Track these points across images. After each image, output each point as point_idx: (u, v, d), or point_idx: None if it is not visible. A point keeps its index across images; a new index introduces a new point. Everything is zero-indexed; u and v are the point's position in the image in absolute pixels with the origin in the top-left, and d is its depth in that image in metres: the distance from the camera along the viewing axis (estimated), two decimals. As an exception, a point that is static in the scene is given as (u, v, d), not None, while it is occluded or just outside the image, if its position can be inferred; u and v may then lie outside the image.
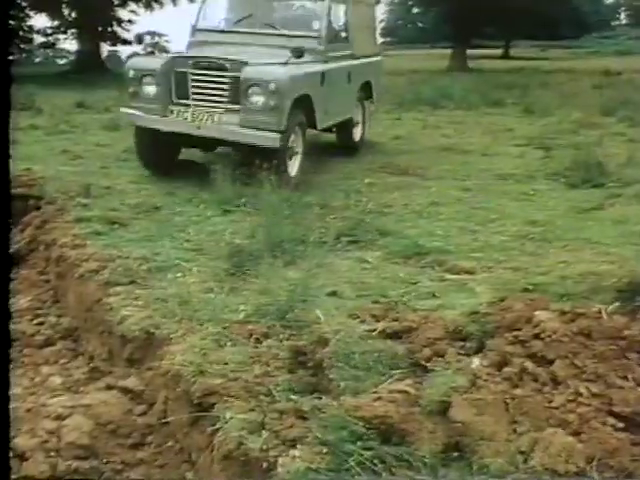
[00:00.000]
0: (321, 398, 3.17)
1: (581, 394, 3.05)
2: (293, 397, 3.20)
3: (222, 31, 8.35)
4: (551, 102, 14.46)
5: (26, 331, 4.57)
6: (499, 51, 44.47)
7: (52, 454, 3.26)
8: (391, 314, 3.90)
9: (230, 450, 3.05)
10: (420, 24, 66.54)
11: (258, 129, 6.66)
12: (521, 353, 3.31)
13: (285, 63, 6.83)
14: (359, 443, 2.86)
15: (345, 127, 9.07)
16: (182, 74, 7.09)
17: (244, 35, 7.96)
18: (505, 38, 45.11)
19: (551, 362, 3.25)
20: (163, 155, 7.66)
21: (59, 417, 3.47)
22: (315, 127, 7.73)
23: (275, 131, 6.65)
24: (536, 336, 3.39)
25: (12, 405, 3.57)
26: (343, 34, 8.71)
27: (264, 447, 2.91)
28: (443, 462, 2.79)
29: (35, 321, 4.75)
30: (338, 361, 3.37)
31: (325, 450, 2.84)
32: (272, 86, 6.57)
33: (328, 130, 8.85)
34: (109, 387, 3.82)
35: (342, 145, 9.37)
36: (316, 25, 8.05)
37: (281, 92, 6.63)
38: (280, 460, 2.85)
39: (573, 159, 7.92)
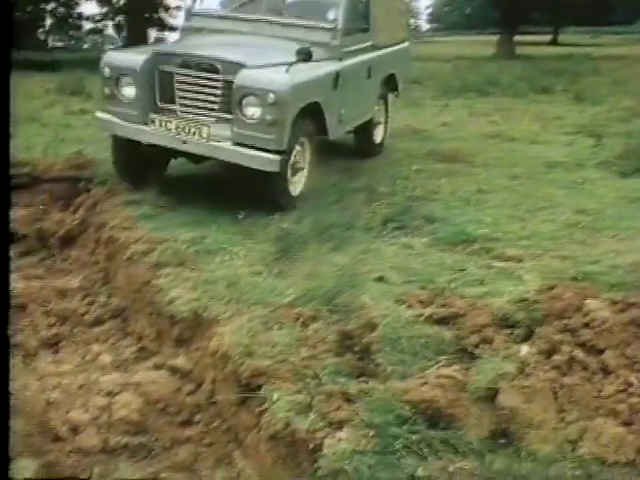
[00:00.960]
0: (368, 382, 3.19)
1: (632, 384, 3.01)
2: (340, 380, 3.22)
3: (221, 17, 6.90)
4: (602, 89, 14.15)
5: (77, 310, 4.68)
6: (547, 37, 43.67)
7: (103, 429, 3.34)
8: (438, 300, 3.89)
9: (277, 431, 3.09)
10: (467, 10, 65.76)
11: (253, 148, 5.42)
12: (570, 341, 3.29)
13: (290, 64, 5.54)
14: (405, 427, 2.88)
15: (364, 128, 7.76)
16: (167, 74, 5.76)
17: (247, 23, 6.62)
18: (553, 24, 44.24)
19: (601, 351, 3.22)
20: (144, 169, 6.17)
21: (110, 394, 3.56)
22: (327, 136, 6.42)
23: (274, 151, 5.41)
24: (586, 325, 3.35)
25: (64, 381, 3.69)
26: (364, 24, 7.29)
27: (311, 428, 2.95)
28: (490, 448, 2.79)
29: (85, 301, 4.85)
30: (385, 345, 3.38)
31: (371, 433, 2.86)
32: (271, 97, 5.32)
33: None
34: (158, 366, 3.89)
35: (360, 149, 8.01)
36: (332, 14, 6.66)
37: (282, 104, 5.38)
38: (326, 442, 2.88)
39: (624, 147, 7.75)
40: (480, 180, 6.86)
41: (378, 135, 8.23)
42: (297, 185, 5.97)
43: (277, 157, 5.41)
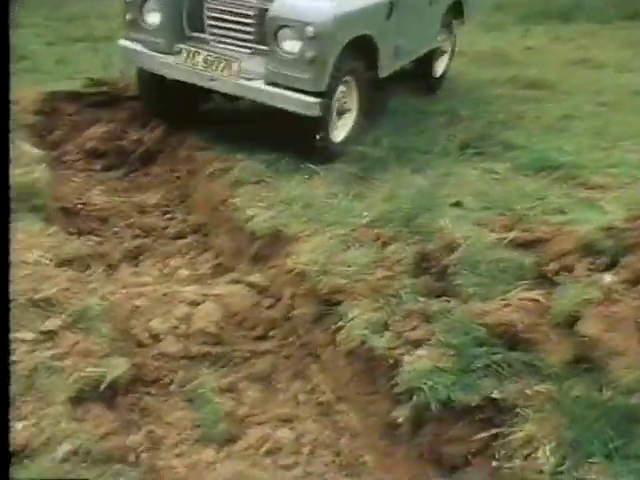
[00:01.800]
0: (445, 303, 3.18)
1: None
2: (417, 300, 3.23)
3: None
4: (697, 15, 13.35)
5: (157, 224, 4.77)
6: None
7: (183, 338, 3.45)
8: (518, 226, 3.82)
9: (353, 347, 3.14)
10: None
11: (289, 89, 4.77)
12: (656, 271, 3.19)
13: None
14: (484, 348, 2.88)
15: (424, 60, 6.84)
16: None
17: None
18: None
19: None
20: (175, 105, 5.57)
21: (189, 305, 3.65)
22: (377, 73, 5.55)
23: (313, 93, 4.74)
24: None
25: (145, 291, 3.80)
26: None
27: (389, 345, 2.97)
28: (570, 374, 2.76)
29: (165, 216, 4.93)
30: (464, 268, 3.36)
31: (452, 352, 2.87)
32: (309, 31, 4.60)
33: None
34: (235, 282, 3.95)
35: (418, 81, 7.03)
36: None
37: (323, 39, 4.65)
38: (405, 358, 2.91)
39: None
40: (564, 107, 6.62)
41: (439, 68, 7.37)
42: (342, 129, 5.26)
43: (316, 100, 4.73)
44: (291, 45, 4.71)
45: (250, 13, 4.97)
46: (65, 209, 4.68)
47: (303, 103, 4.74)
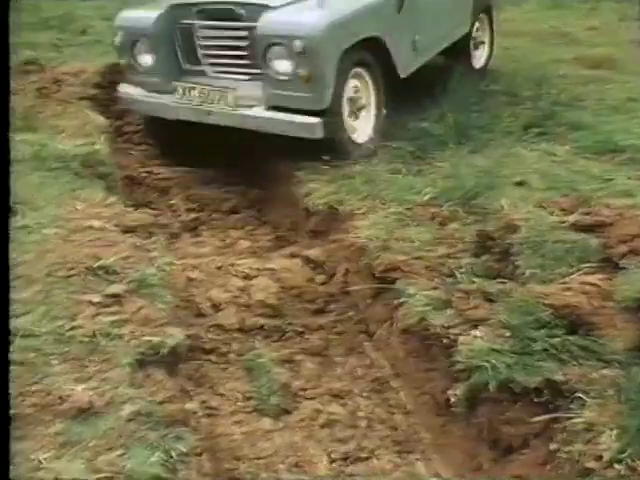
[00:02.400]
0: (506, 283, 3.13)
1: None
2: (477, 280, 3.19)
3: None
4: None
5: (216, 197, 4.81)
6: None
7: (242, 309, 3.48)
8: (583, 208, 3.73)
9: (411, 324, 3.11)
10: None
11: (290, 110, 4.37)
12: None
13: None
14: (543, 330, 2.83)
15: (458, 50, 6.22)
16: (188, 29, 4.71)
17: None
18: None
19: None
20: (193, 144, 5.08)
21: (248, 277, 3.68)
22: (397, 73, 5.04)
23: (314, 113, 4.34)
24: None
25: (204, 261, 3.84)
26: None
27: (446, 324, 2.95)
28: (635, 361, 2.69)
29: (224, 189, 4.97)
30: (526, 249, 3.30)
31: (508, 333, 2.83)
32: (298, 45, 4.15)
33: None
34: (293, 255, 3.97)
35: (453, 75, 5.92)
36: None
37: (315, 53, 4.18)
38: (461, 338, 2.88)
39: None
40: (630, 88, 6.42)
41: (480, 58, 6.77)
42: (361, 133, 4.79)
43: (317, 121, 4.32)
44: (283, 64, 4.30)
45: (241, 34, 4.54)
46: (128, 178, 4.74)
47: (303, 126, 4.35)
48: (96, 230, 3.47)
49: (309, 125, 4.33)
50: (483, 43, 6.87)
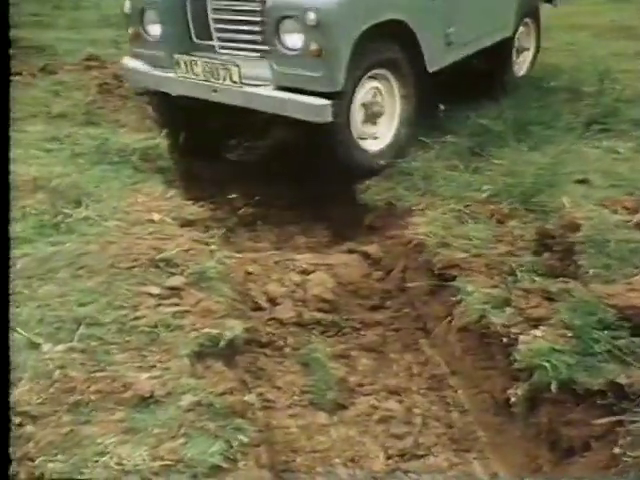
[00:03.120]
0: (568, 282, 3.07)
1: None
2: (539, 277, 3.14)
3: None
4: None
5: (272, 193, 4.83)
6: None
7: (298, 304, 3.49)
8: (648, 207, 3.65)
9: (470, 322, 3.08)
10: None
11: (299, 91, 4.02)
12: None
13: None
14: (607, 331, 2.76)
15: (498, 55, 5.69)
16: (200, 2, 4.44)
17: None
18: None
19: None
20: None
21: (304, 272, 3.69)
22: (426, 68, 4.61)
23: (325, 95, 3.97)
24: None
25: (261, 256, 3.86)
26: None
27: (506, 323, 2.90)
28: None
29: (280, 185, 4.98)
30: (589, 248, 3.23)
31: (570, 334, 2.77)
32: (311, 18, 3.84)
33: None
34: (350, 251, 3.96)
35: (490, 83, 5.62)
36: None
37: (329, 27, 3.87)
38: (521, 337, 2.83)
39: None
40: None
41: (522, 65, 6.18)
42: (378, 142, 4.50)
43: (327, 103, 3.94)
44: (293, 38, 3.98)
45: (256, 8, 4.22)
46: (187, 172, 4.80)
47: (311, 107, 3.96)
48: (156, 223, 3.52)
49: (317, 107, 3.94)
50: (527, 50, 6.28)
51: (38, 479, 1.84)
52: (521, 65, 6.21)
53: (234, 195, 4.72)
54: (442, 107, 4.74)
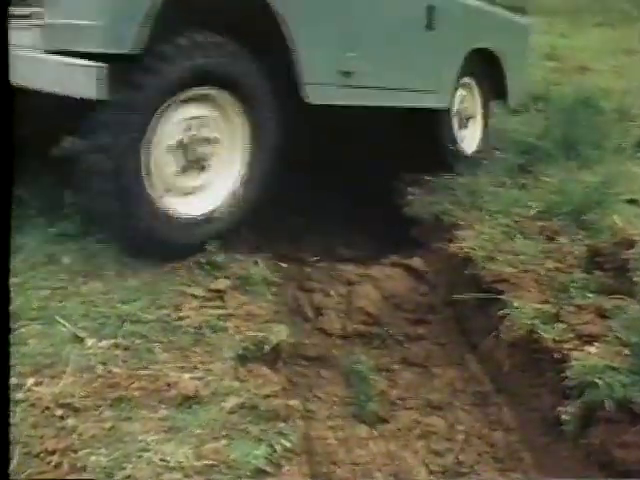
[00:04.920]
0: (622, 299, 2.98)
1: None
2: (590, 294, 3.05)
3: None
4: None
5: (316, 204, 4.79)
6: None
7: (343, 314, 3.43)
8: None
9: (518, 337, 2.99)
10: None
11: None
12: None
13: None
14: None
15: (433, 122, 4.51)
16: None
17: None
18: None
19: None
20: None
21: (349, 283, 3.63)
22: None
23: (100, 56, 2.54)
24: None
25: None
26: None
27: (559, 338, 2.81)
28: None
29: (324, 196, 4.93)
30: (643, 265, 3.14)
31: (626, 351, 2.67)
32: None
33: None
34: (395, 264, 3.90)
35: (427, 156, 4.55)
36: None
37: None
38: (574, 354, 2.74)
39: None
40: None
41: (471, 139, 4.95)
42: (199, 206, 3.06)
43: (98, 66, 2.48)
44: None
45: None
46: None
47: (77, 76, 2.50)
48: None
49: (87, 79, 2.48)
50: (472, 117, 5.01)
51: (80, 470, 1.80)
52: (470, 139, 4.96)
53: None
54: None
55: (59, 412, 2.04)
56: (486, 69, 4.84)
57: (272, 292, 3.09)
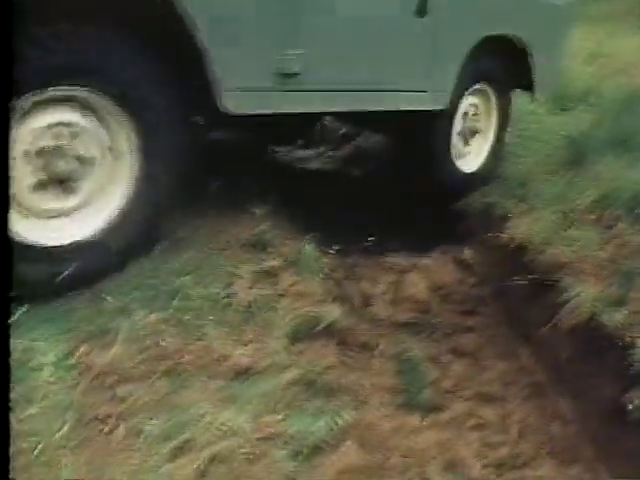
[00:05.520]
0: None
1: None
2: (653, 281, 2.92)
3: None
4: None
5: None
6: None
7: (392, 303, 3.35)
8: None
9: (578, 325, 2.88)
10: None
11: None
12: None
13: None
14: None
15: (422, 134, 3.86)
16: None
17: None
18: None
19: None
20: None
21: (398, 272, 3.54)
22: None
23: None
24: None
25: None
26: None
27: (623, 323, 2.69)
28: None
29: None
30: None
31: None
32: None
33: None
34: (445, 254, 3.80)
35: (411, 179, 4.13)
36: None
37: None
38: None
39: None
40: None
41: (473, 158, 4.29)
42: None
43: None
44: None
45: None
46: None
47: None
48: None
49: None
50: (478, 132, 4.27)
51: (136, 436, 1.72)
52: (472, 156, 4.30)
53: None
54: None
55: (110, 380, 1.98)
56: (506, 64, 4.08)
57: (321, 276, 3.01)
